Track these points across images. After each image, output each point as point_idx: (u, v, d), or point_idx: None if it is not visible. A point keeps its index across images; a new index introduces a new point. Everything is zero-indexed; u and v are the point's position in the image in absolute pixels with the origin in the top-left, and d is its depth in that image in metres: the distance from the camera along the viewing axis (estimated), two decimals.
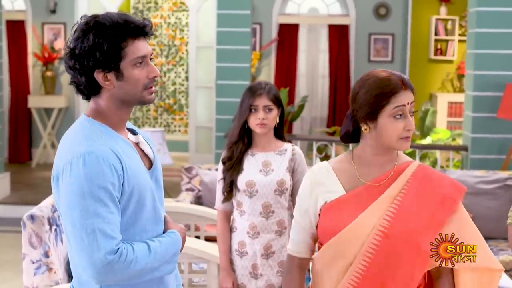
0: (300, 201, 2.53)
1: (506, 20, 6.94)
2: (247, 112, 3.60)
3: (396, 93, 2.36)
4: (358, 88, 2.43)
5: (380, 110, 2.37)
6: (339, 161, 2.52)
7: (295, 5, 11.92)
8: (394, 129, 2.37)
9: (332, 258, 2.41)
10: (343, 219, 2.40)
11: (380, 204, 2.38)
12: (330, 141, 7.78)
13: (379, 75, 2.40)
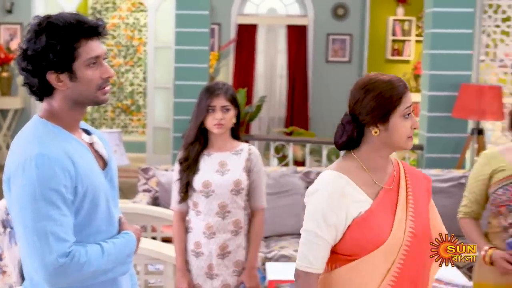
0: (322, 215, 2.42)
1: (461, 20, 7.04)
2: (205, 113, 3.60)
3: (404, 94, 2.45)
4: (363, 94, 2.46)
5: (392, 111, 2.43)
6: (347, 169, 2.49)
7: (253, 6, 11.95)
8: (404, 128, 2.44)
9: (375, 266, 2.42)
10: (382, 230, 2.43)
11: (402, 206, 2.47)
12: (288, 141, 7.80)
13: (384, 78, 2.47)
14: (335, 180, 2.45)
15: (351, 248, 2.44)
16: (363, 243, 2.42)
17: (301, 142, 8.12)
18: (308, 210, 2.47)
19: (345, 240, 2.44)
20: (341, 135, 2.51)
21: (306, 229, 2.45)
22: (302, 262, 2.45)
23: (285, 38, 11.93)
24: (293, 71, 11.86)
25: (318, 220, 2.42)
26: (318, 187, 2.47)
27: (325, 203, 2.42)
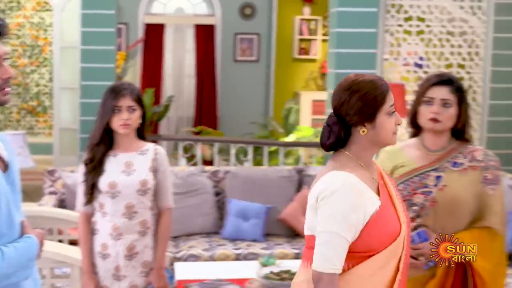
0: (344, 215, 2.42)
1: (365, 20, 7.17)
2: (110, 113, 3.57)
3: (388, 92, 2.52)
4: (348, 95, 2.50)
5: (378, 110, 2.50)
6: (351, 168, 2.52)
7: (161, 5, 11.87)
8: (390, 125, 2.52)
9: (390, 259, 2.48)
10: (395, 222, 2.51)
11: (395, 198, 2.58)
12: (196, 141, 7.80)
13: (367, 79, 2.53)
14: (350, 180, 2.47)
15: (368, 245, 2.46)
16: (382, 237, 2.47)
17: (209, 142, 8.13)
18: (327, 212, 2.44)
19: (362, 238, 2.45)
20: (328, 136, 2.54)
21: (327, 230, 2.43)
22: (326, 263, 2.42)
23: (193, 37, 11.90)
24: (201, 70, 11.84)
25: (339, 221, 2.42)
26: (336, 188, 2.45)
27: (346, 203, 2.43)
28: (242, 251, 5.38)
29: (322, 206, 2.45)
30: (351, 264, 2.48)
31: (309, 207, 2.54)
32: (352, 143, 2.55)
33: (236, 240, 5.59)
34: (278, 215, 5.73)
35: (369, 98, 2.49)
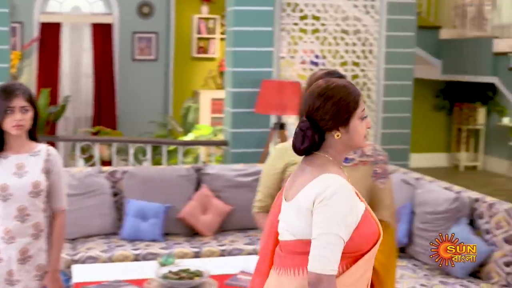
0: (344, 217, 2.45)
1: (262, 18, 7.25)
2: (2, 114, 3.48)
3: (360, 97, 2.59)
4: (323, 101, 2.55)
5: (352, 115, 2.55)
6: (335, 171, 2.56)
7: (57, 4, 11.64)
8: (362, 129, 2.58)
9: (371, 259, 2.55)
10: (374, 223, 2.58)
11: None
12: (94, 141, 7.70)
13: (340, 84, 2.58)
14: (345, 182, 2.51)
15: (358, 245, 2.51)
16: (369, 236, 2.53)
17: (107, 142, 8.03)
18: (327, 214, 2.45)
19: (353, 238, 2.48)
20: (302, 141, 2.57)
21: (328, 232, 2.44)
22: (327, 265, 2.43)
23: (90, 36, 11.73)
24: (99, 70, 11.68)
25: (339, 222, 2.44)
26: (335, 189, 2.47)
27: (345, 205, 2.46)
28: (141, 251, 5.34)
29: (321, 208, 2.46)
30: (341, 266, 2.50)
31: (299, 212, 2.53)
32: (327, 146, 2.59)
33: (135, 241, 5.54)
34: (177, 215, 5.71)
35: (344, 103, 2.54)
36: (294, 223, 2.54)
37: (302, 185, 2.55)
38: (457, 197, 4.95)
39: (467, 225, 4.86)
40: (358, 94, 2.59)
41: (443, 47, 9.96)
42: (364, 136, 2.60)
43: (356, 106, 2.56)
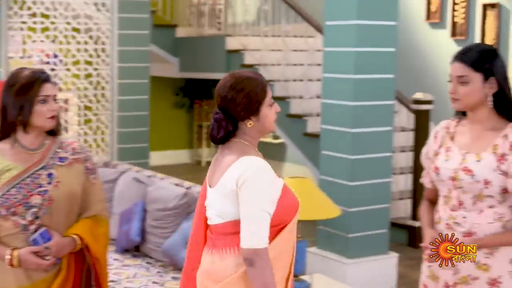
0: (269, 193, 2.68)
1: None
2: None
3: (266, 86, 2.81)
4: (235, 93, 2.73)
5: (261, 103, 2.76)
6: (256, 154, 2.76)
7: None
8: (271, 115, 2.81)
9: (293, 229, 2.79)
10: (293, 195, 2.82)
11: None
12: None
13: (247, 76, 2.78)
14: (263, 162, 2.72)
15: (281, 217, 2.72)
16: (290, 208, 2.76)
17: None
18: (251, 193, 2.65)
19: (276, 212, 2.70)
20: (218, 131, 2.76)
21: (256, 209, 2.65)
22: (260, 240, 2.63)
23: None
24: None
25: (266, 200, 2.66)
26: (254, 169, 2.67)
27: (267, 182, 2.68)
28: None
29: (245, 188, 2.66)
30: (270, 238, 2.70)
31: (224, 195, 2.72)
32: (242, 133, 2.78)
33: None
34: None
35: (253, 95, 2.74)
36: (221, 207, 2.74)
37: (224, 170, 2.73)
38: (187, 192, 5.01)
39: None
40: (265, 83, 2.80)
41: (179, 45, 10.08)
42: (274, 121, 2.82)
43: (264, 95, 2.78)
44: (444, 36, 8.46)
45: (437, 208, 3.04)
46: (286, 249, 2.77)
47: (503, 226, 2.86)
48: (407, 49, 8.89)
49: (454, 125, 3.05)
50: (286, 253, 2.78)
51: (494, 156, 2.84)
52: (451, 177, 2.91)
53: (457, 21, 8.43)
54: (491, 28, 8.00)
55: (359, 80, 5.40)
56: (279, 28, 8.85)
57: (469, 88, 2.88)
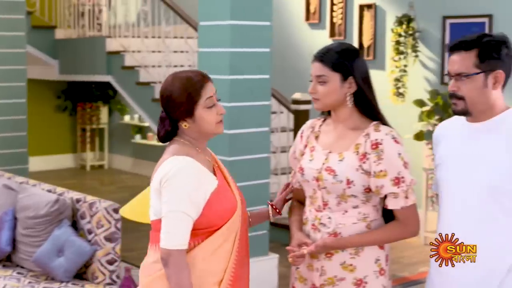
0: (188, 195, 2.63)
1: None
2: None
3: (203, 87, 2.71)
4: (169, 92, 2.71)
5: (195, 105, 2.70)
6: (188, 153, 2.72)
7: None
8: (210, 117, 2.73)
9: (230, 234, 2.73)
10: (232, 200, 2.77)
11: (229, 179, 2.84)
12: None
13: (184, 76, 2.73)
14: (189, 163, 2.67)
15: (210, 221, 2.69)
16: (222, 213, 2.71)
17: None
18: (171, 192, 2.63)
19: (204, 214, 2.67)
20: (160, 129, 2.78)
21: (172, 209, 2.62)
22: (174, 241, 2.62)
23: None
24: None
25: (184, 200, 2.62)
26: (177, 169, 2.65)
27: (187, 183, 2.64)
28: None
29: (166, 188, 2.64)
30: (196, 241, 2.69)
31: (153, 192, 2.72)
32: (182, 133, 2.77)
33: None
34: None
35: (184, 96, 2.69)
36: (152, 204, 2.74)
37: (157, 168, 2.74)
38: (58, 198, 4.84)
39: (69, 226, 4.78)
40: (201, 84, 2.71)
41: (59, 47, 9.82)
42: (217, 123, 2.75)
43: (198, 97, 2.70)
44: (323, 36, 8.56)
45: (305, 209, 3.04)
46: (218, 253, 2.72)
47: (368, 226, 2.87)
48: (287, 49, 8.96)
49: (319, 125, 3.05)
50: (219, 258, 2.73)
51: (356, 155, 2.84)
52: (315, 177, 2.90)
53: (335, 21, 8.55)
54: (368, 28, 8.15)
55: (234, 81, 5.37)
56: (159, 29, 8.75)
57: (327, 87, 2.88)
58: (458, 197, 2.81)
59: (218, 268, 2.74)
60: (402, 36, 7.61)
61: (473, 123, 2.82)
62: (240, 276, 2.82)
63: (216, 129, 2.79)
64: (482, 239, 2.75)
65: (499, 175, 2.69)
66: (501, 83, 2.75)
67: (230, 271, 2.76)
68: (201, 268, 2.70)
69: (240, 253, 2.82)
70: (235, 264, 2.78)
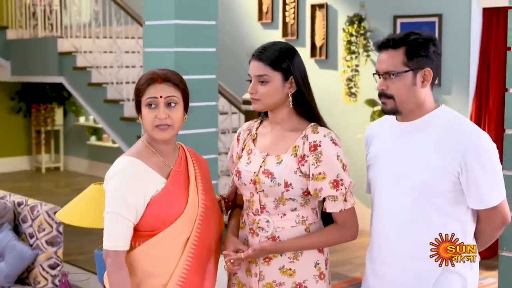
0: (122, 197, 2.62)
1: None
2: None
3: (148, 86, 2.67)
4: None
5: (140, 102, 2.70)
6: (140, 154, 2.71)
7: None
8: (148, 118, 2.67)
9: (173, 239, 2.68)
10: (179, 203, 2.70)
11: (193, 183, 2.76)
12: None
13: (150, 71, 2.73)
14: (129, 164, 2.65)
15: (152, 224, 2.66)
16: (163, 217, 2.66)
17: None
18: (109, 194, 2.66)
19: (146, 218, 2.65)
20: None
21: (108, 211, 2.64)
22: (110, 242, 2.62)
23: None
24: None
25: (118, 202, 2.61)
26: (116, 171, 2.66)
27: (123, 186, 2.62)
28: None
29: (106, 189, 2.67)
30: (138, 242, 2.69)
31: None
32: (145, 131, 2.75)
33: None
34: None
35: (135, 91, 2.73)
36: None
37: None
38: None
39: (10, 230, 4.68)
40: (146, 83, 2.69)
41: (11, 48, 9.68)
42: (155, 127, 2.67)
43: (142, 94, 2.69)
44: (276, 36, 8.51)
45: (242, 212, 2.98)
46: (160, 256, 2.68)
47: (306, 229, 2.82)
48: (240, 49, 8.91)
49: (256, 127, 2.98)
50: (162, 261, 2.69)
51: (294, 157, 2.78)
52: (252, 180, 2.83)
53: (288, 21, 8.52)
54: (320, 28, 8.13)
55: None
56: (110, 30, 8.65)
57: (270, 87, 2.80)
58: (391, 197, 2.80)
59: (162, 271, 2.70)
60: (353, 35, 7.61)
61: (403, 122, 2.81)
62: (193, 283, 2.75)
63: (152, 132, 2.72)
64: (415, 239, 2.74)
65: (430, 174, 2.69)
66: (429, 81, 2.74)
67: (179, 276, 2.71)
68: (142, 269, 2.69)
69: (196, 260, 2.76)
70: (187, 270, 2.72)
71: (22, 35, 9.82)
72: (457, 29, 6.99)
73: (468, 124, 2.77)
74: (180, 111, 2.75)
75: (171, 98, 2.70)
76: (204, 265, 2.80)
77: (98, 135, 11.53)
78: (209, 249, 2.82)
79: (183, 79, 2.82)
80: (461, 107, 6.76)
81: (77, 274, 5.47)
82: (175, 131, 2.76)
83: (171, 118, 2.70)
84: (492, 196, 2.70)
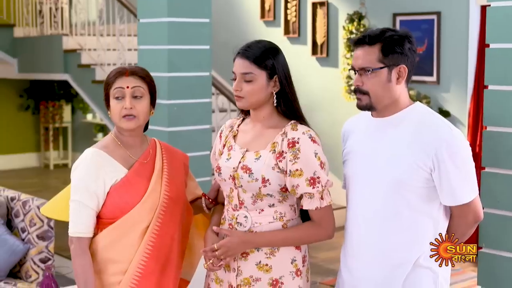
0: (84, 185, 2.77)
1: None
2: None
3: (117, 78, 2.80)
4: None
5: (108, 94, 2.82)
6: (105, 146, 2.85)
7: None
8: (115, 109, 2.81)
9: (131, 227, 2.79)
10: (138, 192, 2.81)
11: (157, 175, 2.87)
12: None
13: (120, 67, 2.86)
14: (92, 155, 2.79)
15: (112, 212, 2.79)
16: (121, 205, 2.79)
17: None
18: (73, 183, 2.81)
19: (107, 206, 2.80)
20: None
21: (73, 199, 2.79)
22: (73, 229, 2.78)
23: None
24: None
25: (81, 190, 2.77)
26: (79, 162, 2.81)
27: (85, 174, 2.77)
28: None
29: (71, 178, 2.82)
30: (99, 229, 2.82)
31: None
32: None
33: None
34: None
35: (105, 84, 2.85)
36: None
37: None
38: None
39: (3, 225, 4.74)
40: (114, 75, 2.82)
41: (18, 46, 9.76)
42: (122, 117, 2.80)
43: (110, 86, 2.82)
44: (278, 34, 8.55)
45: (224, 209, 3.02)
46: (118, 243, 2.80)
47: (284, 226, 2.85)
48: None
49: (238, 124, 3.02)
50: (120, 248, 2.80)
51: (272, 154, 2.81)
52: (231, 175, 2.86)
53: (289, 19, 8.55)
54: (321, 25, 8.16)
55: (173, 78, 5.34)
56: (114, 27, 8.70)
57: (254, 86, 2.83)
58: (364, 193, 2.83)
59: (121, 258, 2.81)
60: (353, 33, 7.63)
61: (378, 118, 2.84)
62: (155, 271, 2.82)
63: (119, 123, 2.84)
64: (387, 234, 2.76)
65: (403, 170, 2.71)
66: (404, 78, 2.76)
67: (137, 263, 2.79)
68: (102, 255, 2.82)
69: (157, 249, 2.82)
70: (146, 258, 2.80)
71: (29, 33, 9.89)
72: (456, 26, 6.99)
73: (441, 121, 2.78)
74: (145, 104, 2.87)
75: (137, 88, 2.83)
76: (166, 254, 2.86)
77: (105, 132, 11.60)
78: (172, 239, 2.88)
79: (150, 75, 2.92)
80: (459, 105, 6.75)
81: (70, 267, 5.53)
82: (141, 122, 2.88)
83: (137, 109, 2.83)
84: (464, 192, 2.72)
